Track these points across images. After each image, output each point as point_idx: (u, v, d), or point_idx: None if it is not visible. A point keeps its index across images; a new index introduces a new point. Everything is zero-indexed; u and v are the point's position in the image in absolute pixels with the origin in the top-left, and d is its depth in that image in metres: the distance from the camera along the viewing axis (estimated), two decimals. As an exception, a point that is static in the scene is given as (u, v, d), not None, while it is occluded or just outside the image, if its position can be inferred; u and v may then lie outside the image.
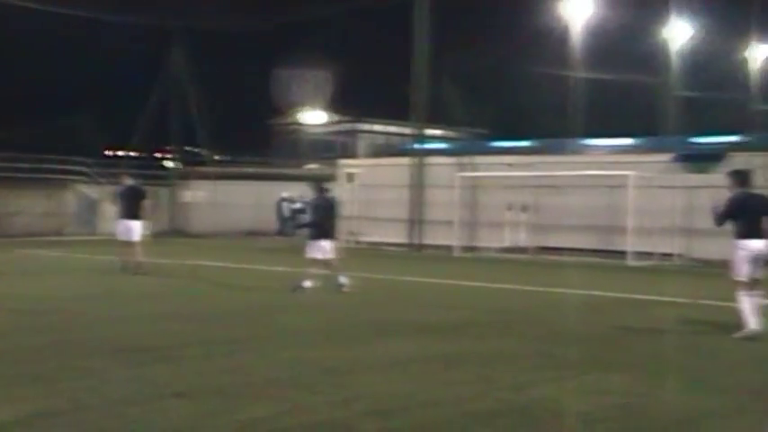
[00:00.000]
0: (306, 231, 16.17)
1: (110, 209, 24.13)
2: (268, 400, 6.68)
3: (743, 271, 10.47)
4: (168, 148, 44.43)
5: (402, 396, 6.93)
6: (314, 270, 14.65)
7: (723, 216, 10.70)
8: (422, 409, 6.53)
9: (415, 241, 31.17)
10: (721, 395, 7.18)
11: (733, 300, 10.63)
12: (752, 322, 10.26)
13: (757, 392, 7.37)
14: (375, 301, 14.10)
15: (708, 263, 21.80)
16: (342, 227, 15.79)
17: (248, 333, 10.26)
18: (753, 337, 10.08)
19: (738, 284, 10.47)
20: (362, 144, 57.46)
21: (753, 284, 10.47)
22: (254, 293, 14.93)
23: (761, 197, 10.88)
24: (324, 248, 14.73)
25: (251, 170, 43.37)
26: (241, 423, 6.10)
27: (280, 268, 19.99)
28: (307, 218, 17.03)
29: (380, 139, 57.28)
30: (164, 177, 38.88)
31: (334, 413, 6.36)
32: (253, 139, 55.98)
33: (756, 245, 10.46)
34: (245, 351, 8.96)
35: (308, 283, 14.50)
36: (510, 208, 27.83)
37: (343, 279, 14.79)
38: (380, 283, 17.80)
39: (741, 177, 10.93)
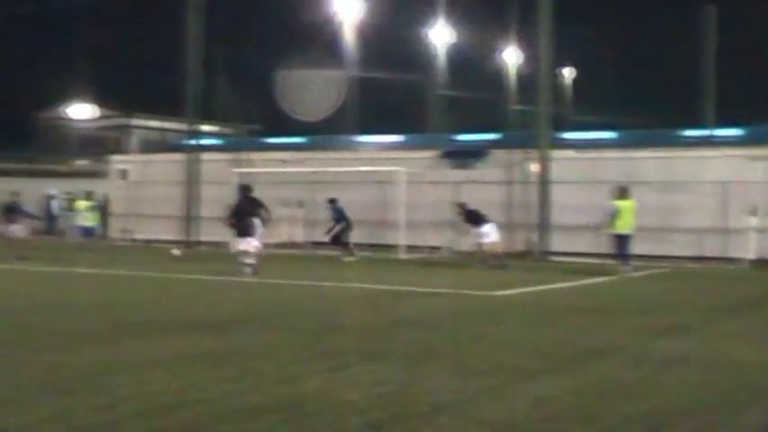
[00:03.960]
0: None
1: None
2: (27, 407, 6.35)
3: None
4: None
5: (169, 395, 6.81)
6: None
7: None
8: (190, 407, 6.44)
9: (190, 238, 30.67)
10: (479, 377, 7.61)
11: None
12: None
13: (507, 371, 7.86)
14: (141, 300, 13.77)
15: (470, 254, 22.93)
16: (115, 224, 15.38)
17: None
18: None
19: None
20: (135, 140, 55.73)
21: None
22: (9, 295, 14.12)
23: None
24: None
25: (9, 166, 40.94)
26: (-4, 433, 5.78)
27: (46, 269, 19.05)
28: None
29: (154, 135, 55.85)
30: None
31: (98, 417, 6.15)
32: (13, 133, 52.79)
33: None
34: None
35: None
36: (284, 204, 28.06)
37: None
38: (148, 281, 17.39)
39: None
